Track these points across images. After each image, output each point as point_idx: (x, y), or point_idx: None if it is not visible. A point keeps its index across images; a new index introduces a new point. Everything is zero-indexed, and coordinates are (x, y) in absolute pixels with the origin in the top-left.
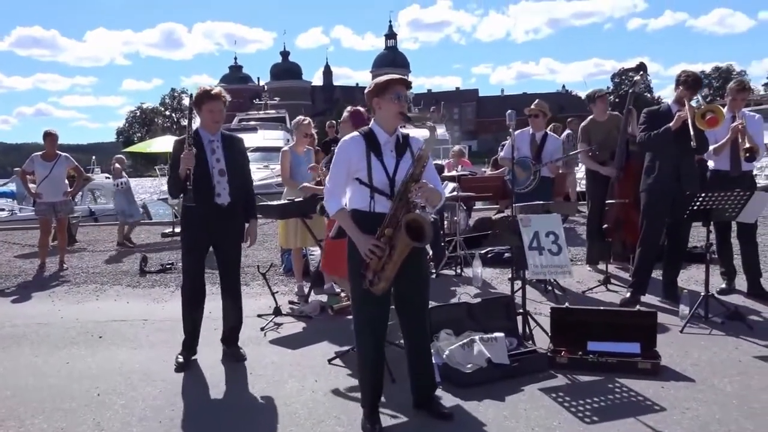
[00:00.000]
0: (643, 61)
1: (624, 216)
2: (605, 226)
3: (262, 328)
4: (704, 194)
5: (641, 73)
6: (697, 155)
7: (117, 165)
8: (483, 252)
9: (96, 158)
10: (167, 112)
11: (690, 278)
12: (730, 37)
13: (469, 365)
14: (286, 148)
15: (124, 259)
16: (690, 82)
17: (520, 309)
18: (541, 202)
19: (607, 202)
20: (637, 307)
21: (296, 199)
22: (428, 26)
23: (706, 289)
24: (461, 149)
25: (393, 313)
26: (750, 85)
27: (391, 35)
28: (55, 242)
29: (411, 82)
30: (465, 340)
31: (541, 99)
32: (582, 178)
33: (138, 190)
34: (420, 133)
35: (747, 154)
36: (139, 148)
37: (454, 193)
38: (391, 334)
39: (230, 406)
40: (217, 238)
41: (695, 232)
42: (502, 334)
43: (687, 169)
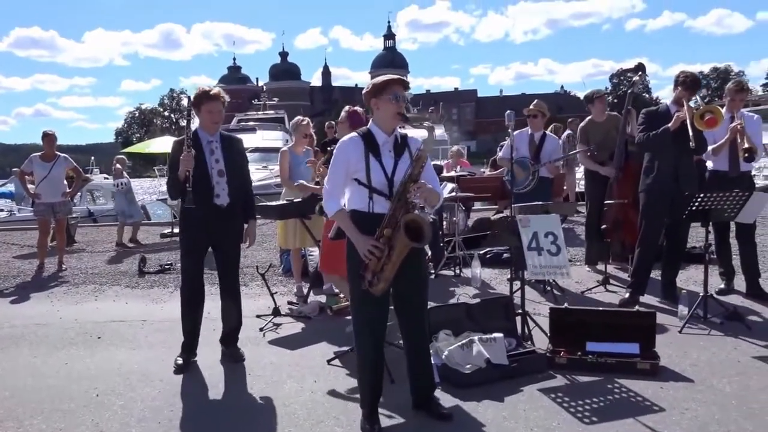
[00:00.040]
0: (641, 61)
1: (623, 216)
2: (604, 226)
3: (261, 329)
4: (703, 194)
5: (640, 73)
6: (696, 155)
7: (118, 165)
8: (482, 252)
9: (95, 159)
10: (166, 113)
11: (689, 278)
12: (728, 38)
13: (468, 366)
14: (285, 148)
15: (123, 260)
16: (688, 83)
17: (519, 309)
18: (540, 203)
19: (606, 202)
20: (636, 307)
21: (295, 200)
22: (427, 27)
23: (705, 289)
24: (460, 150)
25: (392, 313)
26: (748, 86)
27: (389, 36)
28: (53, 243)
29: (409, 82)
30: (464, 341)
31: (540, 99)
32: (581, 178)
33: (137, 190)
34: (418, 134)
35: (746, 154)
36: (137, 148)
37: (452, 193)
38: (390, 334)
39: (229, 407)
40: (216, 239)
41: (694, 233)
42: (501, 335)
43: (686, 170)
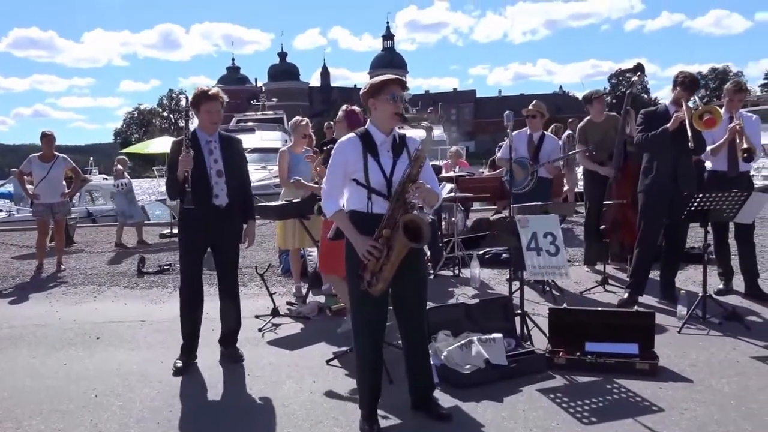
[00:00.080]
0: (640, 62)
1: (622, 217)
2: (603, 226)
3: (260, 329)
4: (702, 195)
5: (639, 73)
6: (695, 156)
7: (119, 166)
8: (481, 253)
9: (93, 159)
10: (165, 113)
11: (687, 279)
12: (726, 39)
13: (467, 366)
14: (284, 148)
15: (122, 261)
16: (687, 83)
17: (518, 310)
18: (539, 203)
19: (604, 202)
20: (634, 307)
21: (294, 200)
22: (425, 27)
23: (703, 289)
24: (459, 150)
25: (391, 314)
26: (747, 86)
27: (388, 36)
28: (52, 243)
29: (406, 82)
30: (463, 341)
31: (539, 100)
32: (580, 178)
33: (136, 191)
34: (417, 134)
35: (745, 154)
36: (136, 149)
37: (451, 194)
38: (389, 334)
39: (228, 407)
40: (215, 239)
41: (693, 233)
42: (500, 335)
43: (684, 170)
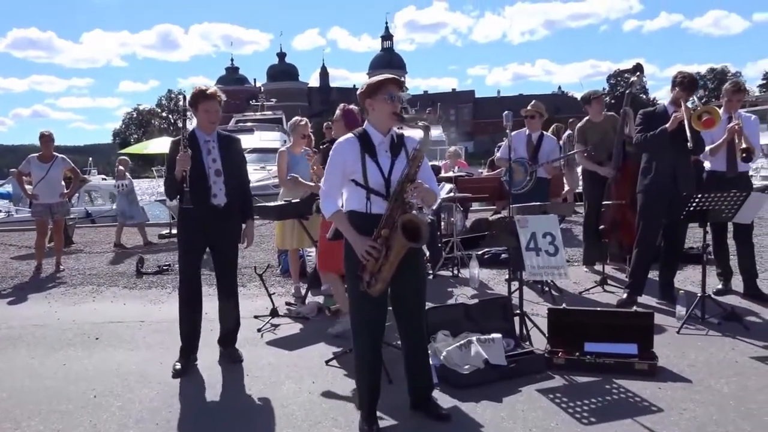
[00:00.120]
0: (639, 62)
1: (621, 217)
2: (602, 227)
3: (259, 330)
4: (701, 195)
5: (638, 74)
6: (694, 156)
7: (120, 167)
8: (480, 253)
9: (92, 160)
10: (164, 114)
11: (686, 279)
12: (725, 39)
13: (466, 366)
14: (283, 148)
15: (121, 261)
16: (686, 83)
17: (517, 310)
18: (538, 203)
19: (603, 203)
20: (633, 307)
21: (293, 200)
22: (424, 28)
23: (702, 289)
24: (457, 150)
25: (390, 314)
26: (745, 86)
27: (387, 37)
28: (51, 244)
29: (404, 81)
30: (462, 341)
31: (538, 100)
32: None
33: (135, 191)
34: (415, 133)
35: (744, 154)
36: (136, 149)
37: (450, 194)
38: (388, 335)
39: (227, 408)
40: (214, 239)
41: (691, 233)
42: (499, 335)
43: (683, 170)
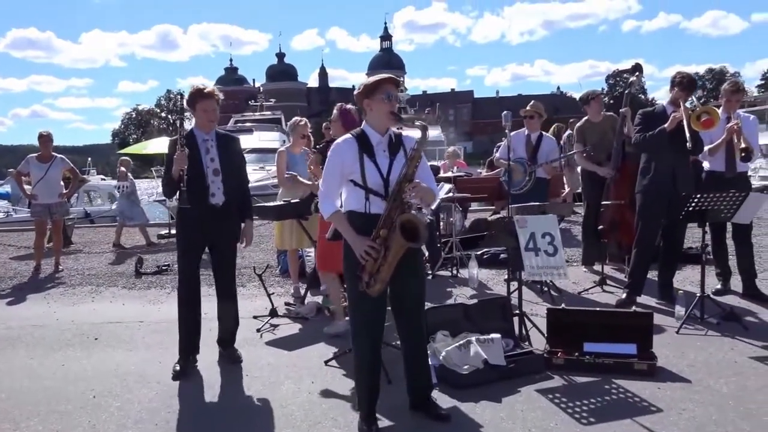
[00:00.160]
0: (638, 62)
1: (619, 217)
2: (601, 227)
3: (258, 330)
4: (700, 195)
5: (637, 74)
6: (692, 156)
7: (122, 168)
8: (479, 253)
9: (91, 160)
10: (163, 114)
11: (685, 279)
12: (723, 39)
13: (465, 366)
14: (282, 148)
15: (120, 261)
16: (685, 83)
17: (516, 310)
18: (537, 203)
19: (602, 203)
20: (633, 308)
21: (292, 200)
22: (423, 28)
23: (701, 289)
24: (456, 150)
25: (389, 314)
26: (744, 87)
27: (386, 37)
28: (50, 244)
29: (401, 80)
30: (461, 342)
31: (537, 100)
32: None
33: (137, 191)
34: (413, 133)
35: (743, 153)
36: (135, 149)
37: (449, 194)
38: (387, 335)
39: (226, 408)
40: (212, 239)
41: (690, 233)
42: (498, 336)
43: (682, 171)
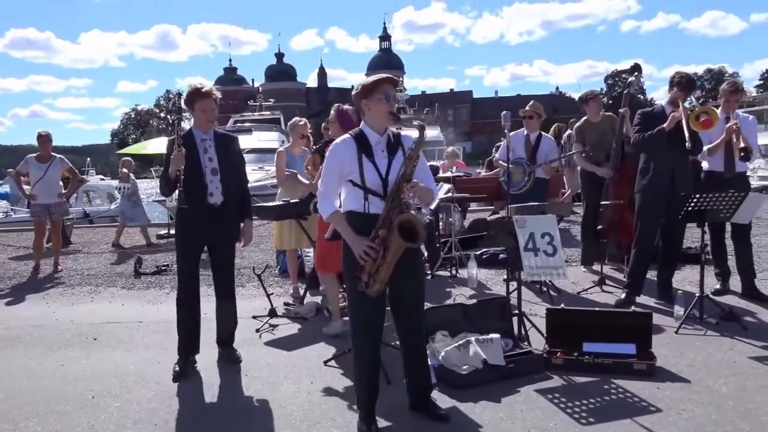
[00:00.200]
0: (637, 62)
1: (618, 217)
2: (600, 227)
3: (258, 330)
4: (699, 195)
5: (636, 74)
6: (691, 156)
7: (124, 170)
8: (478, 253)
9: (91, 160)
10: (162, 114)
11: (684, 279)
12: (722, 40)
13: (464, 366)
14: (281, 149)
15: (119, 261)
16: (684, 83)
17: (516, 310)
18: (536, 203)
19: (601, 203)
20: (632, 308)
21: (292, 201)
22: (422, 28)
23: (700, 289)
24: (455, 151)
25: (389, 314)
26: (743, 87)
27: (385, 37)
28: (49, 244)
29: (399, 80)
30: (461, 342)
31: (536, 101)
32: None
33: (139, 192)
34: (412, 132)
35: (742, 153)
36: (134, 149)
37: (449, 194)
38: (386, 335)
39: (225, 408)
40: (211, 238)
41: (689, 233)
42: (497, 335)
43: (681, 171)
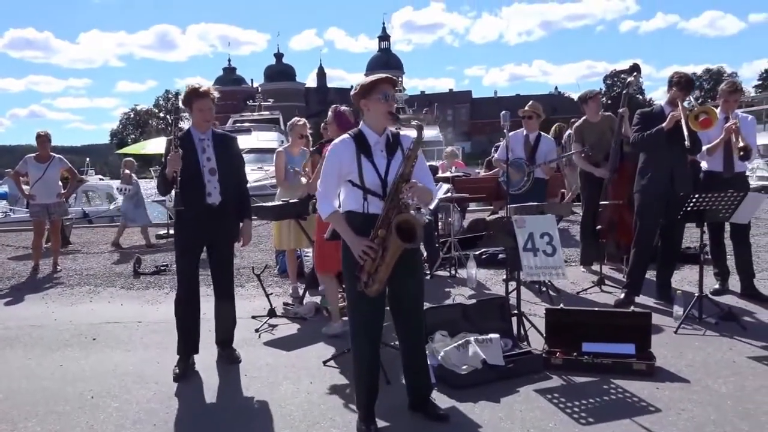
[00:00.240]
0: (636, 62)
1: (617, 217)
2: (599, 227)
3: (257, 330)
4: (698, 195)
5: (635, 74)
6: (690, 156)
7: (126, 171)
8: (477, 253)
9: (90, 160)
10: (161, 114)
11: (683, 279)
12: (720, 40)
13: (464, 366)
14: (280, 149)
15: (118, 261)
16: (683, 83)
17: (515, 310)
18: (536, 203)
19: (600, 203)
20: (631, 308)
21: (291, 201)
22: (421, 28)
23: (699, 289)
24: (454, 151)
25: (388, 314)
26: (741, 87)
27: (384, 37)
28: (48, 244)
29: (398, 80)
30: (460, 342)
31: (535, 101)
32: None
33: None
34: (411, 132)
35: (742, 152)
36: (133, 149)
37: (448, 194)
38: (386, 335)
39: (225, 409)
40: (210, 238)
41: (689, 233)
42: (497, 335)
43: (681, 171)
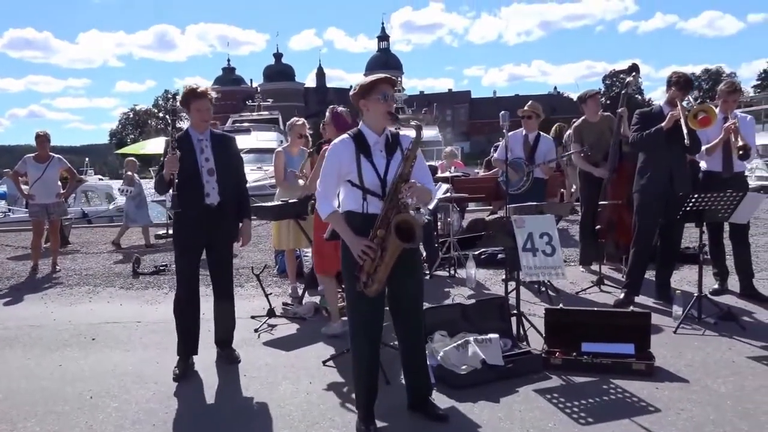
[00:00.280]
0: (635, 62)
1: (617, 217)
2: (598, 227)
3: (256, 330)
4: (697, 195)
5: (634, 74)
6: (690, 156)
7: (129, 172)
8: (476, 253)
9: (89, 160)
10: (160, 114)
11: (683, 279)
12: (719, 40)
13: (463, 366)
14: (280, 149)
15: (118, 261)
16: (682, 83)
17: (514, 310)
18: (535, 203)
19: (600, 203)
20: (630, 307)
21: (290, 201)
22: (421, 28)
23: (699, 289)
24: (453, 150)
25: (387, 314)
26: (740, 87)
27: (383, 37)
28: (47, 244)
29: (397, 80)
30: (459, 342)
31: (534, 101)
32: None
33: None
34: (410, 132)
35: (741, 152)
36: (132, 149)
37: (447, 194)
38: (385, 335)
39: (224, 409)
40: (210, 239)
41: (688, 233)
42: (496, 335)
43: (680, 171)
